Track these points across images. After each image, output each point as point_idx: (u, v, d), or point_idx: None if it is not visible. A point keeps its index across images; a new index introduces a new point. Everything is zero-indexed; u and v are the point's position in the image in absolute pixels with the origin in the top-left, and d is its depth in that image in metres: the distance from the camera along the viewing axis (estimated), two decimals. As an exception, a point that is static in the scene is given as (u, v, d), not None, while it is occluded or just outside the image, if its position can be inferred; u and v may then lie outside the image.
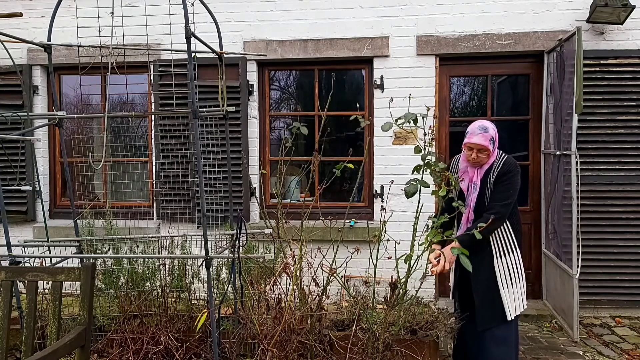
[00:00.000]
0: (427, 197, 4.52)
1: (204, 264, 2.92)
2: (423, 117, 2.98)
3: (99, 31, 3.29)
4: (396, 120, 2.98)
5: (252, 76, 4.92)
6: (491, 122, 2.86)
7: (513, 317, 2.87)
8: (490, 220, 2.65)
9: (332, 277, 3.19)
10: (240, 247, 3.14)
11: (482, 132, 2.75)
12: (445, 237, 2.77)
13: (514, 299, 2.86)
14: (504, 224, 2.85)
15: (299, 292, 3.15)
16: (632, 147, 4.47)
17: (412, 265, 2.99)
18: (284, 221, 3.36)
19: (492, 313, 2.84)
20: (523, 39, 4.61)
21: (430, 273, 2.81)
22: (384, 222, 3.34)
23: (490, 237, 2.82)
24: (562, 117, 4.23)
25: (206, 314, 2.88)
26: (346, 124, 4.82)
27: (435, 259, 2.83)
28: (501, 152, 2.90)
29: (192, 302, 3.65)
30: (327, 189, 3.42)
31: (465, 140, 2.83)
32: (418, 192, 2.83)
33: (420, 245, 2.81)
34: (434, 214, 4.59)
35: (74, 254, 3.60)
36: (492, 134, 2.76)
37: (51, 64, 3.50)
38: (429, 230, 2.83)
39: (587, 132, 4.47)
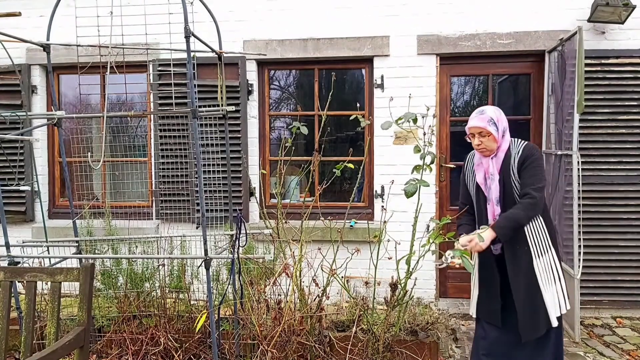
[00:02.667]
0: (427, 197, 4.53)
1: (203, 264, 2.91)
2: (423, 117, 2.97)
3: (98, 31, 3.27)
4: (396, 120, 2.97)
5: (252, 76, 4.90)
6: (493, 106, 2.70)
7: (557, 323, 2.61)
8: (525, 204, 2.49)
9: (332, 278, 3.18)
10: (240, 248, 3.13)
11: (478, 114, 2.63)
12: (447, 239, 2.67)
13: (557, 300, 2.63)
14: (538, 221, 2.64)
15: (298, 293, 3.14)
16: (634, 147, 4.45)
17: (412, 266, 2.98)
18: (283, 221, 3.34)
19: (536, 321, 2.59)
20: (524, 38, 4.59)
21: (449, 263, 2.57)
22: (385, 222, 3.33)
23: (527, 236, 2.62)
24: (563, 116, 4.21)
25: (206, 314, 2.87)
26: (346, 123, 4.81)
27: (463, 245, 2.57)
28: (518, 139, 2.70)
29: (192, 302, 3.64)
30: (327, 189, 3.41)
31: (466, 128, 2.71)
32: (417, 192, 2.82)
33: (422, 246, 2.78)
34: (434, 214, 4.60)
35: (72, 254, 3.59)
36: (489, 114, 2.61)
37: (50, 63, 3.48)
38: (430, 232, 2.80)
39: (589, 132, 4.45)
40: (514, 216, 2.52)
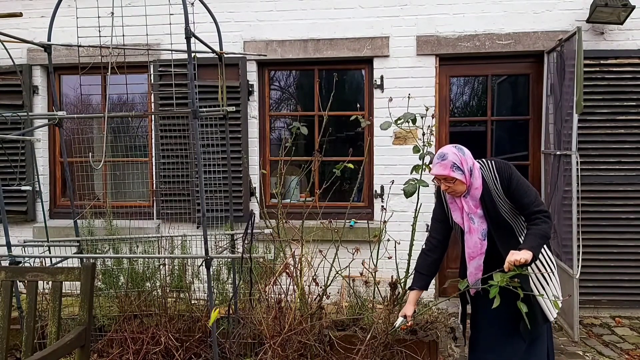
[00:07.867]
0: (426, 197, 4.53)
1: (204, 263, 2.93)
2: (422, 117, 2.99)
3: (99, 31, 3.29)
4: (396, 121, 2.98)
5: (252, 76, 4.92)
6: (455, 146, 2.48)
7: (554, 317, 2.56)
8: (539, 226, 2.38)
9: (333, 278, 3.19)
10: (245, 245, 3.14)
11: (439, 160, 2.43)
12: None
13: (552, 297, 2.55)
14: (522, 224, 2.54)
15: (299, 292, 3.15)
16: (632, 147, 4.46)
17: (411, 265, 2.99)
18: (284, 221, 3.36)
19: (534, 321, 2.48)
20: (523, 39, 4.60)
21: (399, 329, 2.61)
22: (384, 222, 3.35)
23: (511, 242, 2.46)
24: (562, 117, 4.22)
25: (217, 310, 2.83)
26: (346, 124, 4.82)
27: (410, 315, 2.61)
28: (483, 160, 2.55)
29: (192, 302, 3.65)
30: (327, 189, 3.42)
31: (431, 172, 2.55)
32: (417, 191, 2.83)
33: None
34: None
35: (74, 254, 3.60)
36: (452, 159, 2.40)
37: (51, 64, 3.50)
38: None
39: (587, 132, 4.47)
40: (542, 232, 2.40)
